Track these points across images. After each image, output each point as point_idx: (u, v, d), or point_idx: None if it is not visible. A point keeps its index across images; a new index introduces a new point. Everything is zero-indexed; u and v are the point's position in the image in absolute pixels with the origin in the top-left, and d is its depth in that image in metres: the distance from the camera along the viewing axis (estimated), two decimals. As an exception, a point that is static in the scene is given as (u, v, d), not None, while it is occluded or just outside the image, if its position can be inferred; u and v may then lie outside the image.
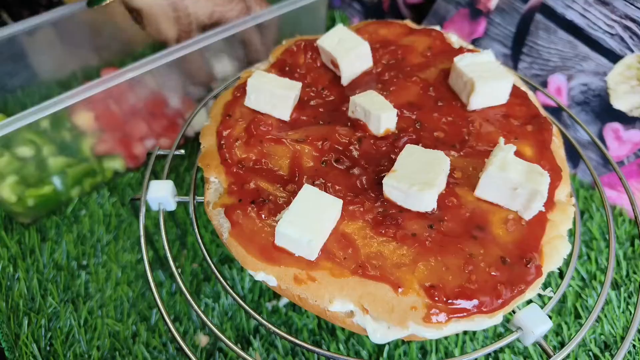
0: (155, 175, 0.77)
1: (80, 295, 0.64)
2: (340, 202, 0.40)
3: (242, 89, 0.53)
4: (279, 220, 0.41)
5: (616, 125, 0.71)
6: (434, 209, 0.41)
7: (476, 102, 0.49)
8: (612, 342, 0.60)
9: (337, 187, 0.44)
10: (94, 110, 0.71)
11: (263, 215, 0.42)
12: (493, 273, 0.39)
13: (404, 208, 0.42)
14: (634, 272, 0.65)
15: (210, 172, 0.47)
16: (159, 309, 0.43)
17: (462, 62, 0.49)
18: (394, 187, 0.41)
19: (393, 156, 0.46)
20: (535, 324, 0.40)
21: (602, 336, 0.60)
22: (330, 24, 1.00)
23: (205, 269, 0.67)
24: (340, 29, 0.53)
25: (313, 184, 0.44)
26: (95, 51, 0.90)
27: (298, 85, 0.50)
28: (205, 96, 0.78)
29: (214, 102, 0.54)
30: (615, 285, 0.64)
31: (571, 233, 0.47)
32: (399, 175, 0.41)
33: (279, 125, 0.50)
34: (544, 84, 0.76)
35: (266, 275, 0.41)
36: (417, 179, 0.40)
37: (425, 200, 0.41)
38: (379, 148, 0.46)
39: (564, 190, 0.46)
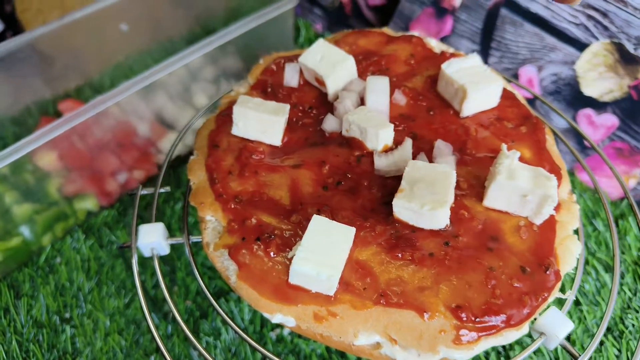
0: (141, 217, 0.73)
1: (67, 353, 0.59)
2: (353, 230, 0.39)
3: (225, 116, 0.50)
4: (291, 256, 0.39)
5: (588, 111, 0.72)
6: (447, 225, 0.40)
7: (469, 109, 0.48)
8: (613, 324, 0.61)
9: (344, 213, 0.42)
10: (57, 149, 0.66)
11: (272, 253, 0.40)
12: (516, 285, 0.38)
13: (416, 227, 0.41)
14: (622, 253, 0.67)
15: (205, 211, 0.44)
16: (162, 354, 0.40)
17: (450, 69, 0.49)
18: (405, 207, 0.40)
19: (395, 173, 0.44)
20: (558, 327, 0.40)
21: (602, 319, 0.61)
22: (295, 33, 0.98)
23: (200, 305, 0.64)
24: (321, 44, 0.52)
25: (319, 213, 0.42)
26: (49, 82, 0.85)
27: (286, 107, 0.48)
28: (183, 125, 0.75)
29: (197, 132, 0.51)
30: (608, 269, 0.66)
31: (575, 231, 0.47)
32: (408, 194, 0.40)
33: (272, 151, 0.48)
34: (516, 77, 0.77)
35: (284, 316, 0.39)
36: (427, 198, 0.39)
37: (438, 218, 0.39)
38: (379, 166, 0.45)
39: (565, 188, 0.46)
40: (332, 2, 1.01)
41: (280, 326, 0.61)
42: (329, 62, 0.50)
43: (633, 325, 0.60)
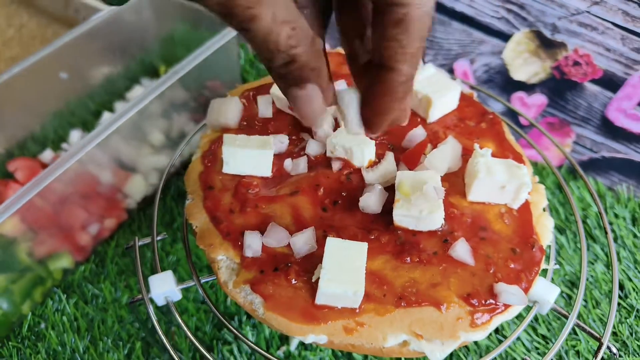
0: (122, 269, 0.72)
1: (80, 416, 0.58)
2: (366, 245, 0.42)
3: (210, 157, 0.52)
4: (315, 280, 0.41)
5: (520, 93, 0.81)
6: (442, 224, 0.45)
7: (434, 115, 0.53)
8: (575, 278, 0.70)
9: (348, 230, 0.45)
10: (18, 213, 0.64)
11: (293, 280, 0.43)
12: (511, 265, 0.44)
13: (416, 231, 0.45)
14: (571, 214, 0.76)
15: (216, 252, 0.46)
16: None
17: (411, 81, 0.53)
18: (405, 215, 0.44)
19: (383, 183, 0.49)
20: (548, 294, 0.46)
21: (567, 276, 0.70)
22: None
23: (201, 339, 0.64)
24: (289, 75, 0.54)
25: (325, 234, 0.45)
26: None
27: (271, 139, 0.50)
28: (144, 166, 0.74)
29: (185, 177, 0.52)
30: (561, 231, 0.74)
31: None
32: (405, 203, 0.44)
33: (265, 183, 0.50)
34: (451, 71, 0.84)
35: (316, 336, 0.41)
36: (423, 203, 0.44)
37: (435, 219, 0.44)
38: (369, 179, 0.49)
39: (529, 172, 0.52)
40: (263, 20, 1.03)
41: (285, 342, 0.64)
42: (300, 89, 0.53)
43: (592, 276, 0.69)
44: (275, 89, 0.54)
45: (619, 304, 0.67)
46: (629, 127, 0.75)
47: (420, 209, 0.43)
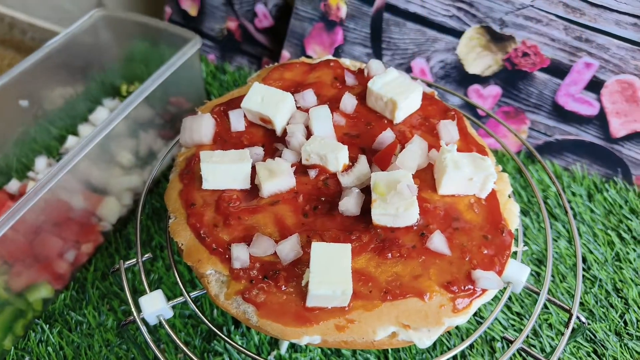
0: (103, 291, 0.72)
1: None
2: (349, 246, 0.44)
3: (188, 174, 0.53)
4: (304, 283, 0.43)
5: (476, 86, 0.85)
6: (418, 219, 0.48)
7: (400, 116, 0.56)
8: (542, 256, 0.74)
9: (330, 233, 0.48)
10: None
11: (283, 287, 0.44)
12: (485, 251, 0.47)
13: (394, 227, 0.47)
14: (532, 196, 0.81)
15: (205, 267, 0.47)
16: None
17: (376, 86, 0.56)
18: (383, 214, 0.46)
19: (358, 185, 0.51)
20: (520, 274, 0.49)
21: (534, 255, 0.74)
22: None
23: (192, 353, 0.65)
24: (258, 88, 0.56)
25: (309, 239, 0.47)
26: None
27: (247, 152, 0.52)
28: (115, 187, 0.74)
29: (165, 196, 0.53)
30: (525, 213, 0.79)
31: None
32: (382, 203, 0.46)
33: (244, 195, 0.51)
34: (409, 70, 0.88)
35: (310, 337, 0.43)
36: (399, 201, 0.46)
37: (411, 215, 0.47)
38: (345, 182, 0.51)
39: (492, 162, 0.55)
40: (221, 31, 1.04)
41: (275, 346, 0.65)
42: (271, 102, 0.55)
43: (556, 252, 0.74)
44: (245, 104, 0.55)
45: (583, 275, 0.72)
46: (578, 110, 0.80)
47: (397, 207, 0.46)
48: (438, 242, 0.46)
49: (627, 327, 0.67)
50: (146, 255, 0.53)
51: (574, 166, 0.84)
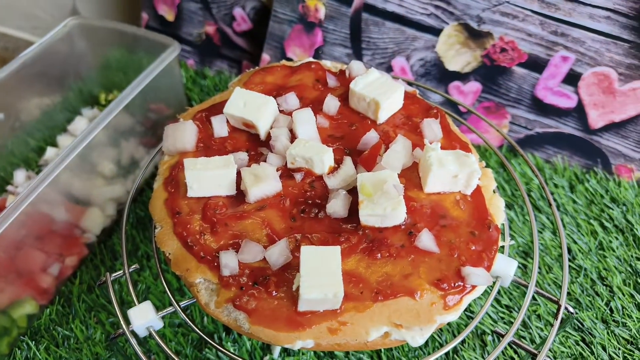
0: (88, 305, 0.70)
1: None
2: (339, 248, 0.44)
3: (173, 182, 0.52)
4: (295, 288, 0.43)
5: (456, 83, 0.86)
6: (405, 218, 0.48)
7: (383, 116, 0.56)
8: (528, 248, 0.75)
9: (319, 235, 0.47)
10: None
11: (273, 292, 0.44)
12: (473, 247, 0.47)
13: (382, 227, 0.48)
14: (516, 190, 0.82)
15: (193, 276, 0.46)
16: None
17: (358, 87, 0.56)
18: (371, 215, 0.46)
19: (345, 187, 0.51)
20: (508, 268, 0.50)
21: (520, 247, 0.75)
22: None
23: (186, 363, 0.65)
24: (240, 93, 0.56)
25: (297, 243, 0.47)
26: None
27: (231, 158, 0.51)
28: (98, 198, 0.73)
29: (150, 206, 0.52)
30: (509, 206, 0.80)
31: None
32: (369, 204, 0.46)
33: (231, 202, 0.51)
34: (389, 69, 0.88)
35: (303, 342, 0.43)
36: (386, 201, 0.46)
37: (399, 214, 0.47)
38: (331, 184, 0.51)
39: (476, 158, 0.56)
40: (199, 36, 1.03)
41: (267, 351, 0.65)
42: (253, 107, 0.55)
43: (542, 244, 0.75)
44: (228, 109, 0.55)
45: (568, 266, 0.73)
46: (557, 103, 0.82)
47: (384, 207, 0.46)
48: (426, 240, 0.46)
49: (613, 314, 0.68)
50: (133, 267, 0.52)
51: (555, 158, 0.85)
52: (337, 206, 0.48)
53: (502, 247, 0.52)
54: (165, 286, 0.50)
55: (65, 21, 0.83)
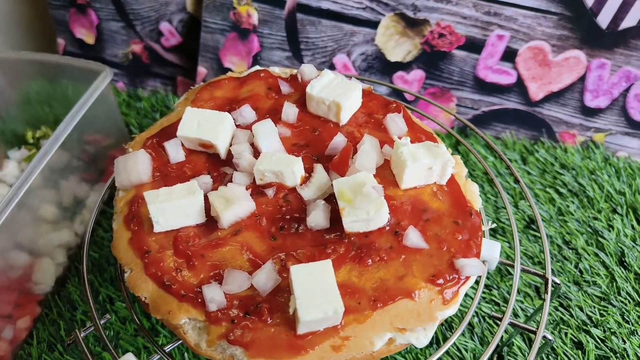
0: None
1: None
2: (329, 261, 0.42)
3: (135, 220, 0.48)
4: (292, 311, 0.41)
5: (400, 73, 0.86)
6: (388, 218, 0.47)
7: (345, 117, 0.54)
8: (497, 227, 0.76)
9: (304, 251, 0.45)
10: None
11: (268, 320, 0.41)
12: (460, 237, 0.47)
13: (367, 232, 0.46)
14: (474, 170, 0.83)
15: (177, 317, 0.43)
16: None
17: (315, 90, 0.54)
18: (355, 221, 0.45)
19: (320, 196, 0.49)
20: (493, 251, 0.50)
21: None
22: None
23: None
24: (192, 112, 0.52)
25: (283, 263, 0.44)
26: None
27: (195, 184, 0.48)
28: (49, 245, 0.67)
29: (113, 248, 0.48)
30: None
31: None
32: (351, 210, 0.45)
33: (202, 230, 0.47)
34: (332, 67, 0.87)
35: (308, 365, 0.41)
36: (366, 206, 0.45)
37: (383, 216, 0.45)
38: (306, 196, 0.49)
39: (442, 147, 0.56)
40: (125, 56, 0.97)
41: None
42: (208, 125, 0.51)
43: (507, 219, 0.76)
44: (181, 131, 0.51)
45: (534, 235, 0.75)
46: (498, 81, 0.84)
47: (367, 211, 0.45)
48: (414, 237, 0.45)
49: (583, 275, 0.70)
50: (104, 318, 0.47)
51: (504, 134, 0.88)
52: (318, 218, 0.46)
53: (483, 231, 0.52)
54: (145, 332, 0.46)
55: (-26, 58, 0.75)
